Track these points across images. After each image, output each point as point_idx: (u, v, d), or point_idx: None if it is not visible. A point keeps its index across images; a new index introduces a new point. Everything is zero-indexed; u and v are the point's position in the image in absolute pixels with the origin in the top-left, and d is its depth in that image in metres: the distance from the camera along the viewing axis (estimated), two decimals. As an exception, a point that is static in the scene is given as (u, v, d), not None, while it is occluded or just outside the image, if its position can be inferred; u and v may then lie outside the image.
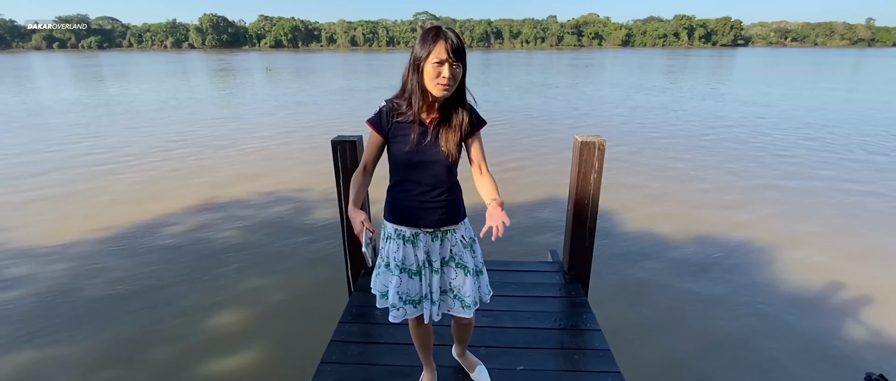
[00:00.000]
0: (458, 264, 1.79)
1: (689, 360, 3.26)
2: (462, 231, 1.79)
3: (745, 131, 11.42)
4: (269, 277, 4.45)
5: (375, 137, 1.67)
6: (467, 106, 1.66)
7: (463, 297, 1.81)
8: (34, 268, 4.62)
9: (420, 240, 1.73)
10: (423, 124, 1.62)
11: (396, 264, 1.76)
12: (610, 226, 5.58)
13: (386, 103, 1.66)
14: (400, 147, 1.63)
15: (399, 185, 1.70)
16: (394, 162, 1.69)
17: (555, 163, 8.47)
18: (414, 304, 1.81)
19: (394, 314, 1.79)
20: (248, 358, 3.28)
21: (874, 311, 3.81)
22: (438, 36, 1.48)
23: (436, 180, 1.67)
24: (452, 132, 1.62)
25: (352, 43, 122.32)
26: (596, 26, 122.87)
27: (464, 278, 1.79)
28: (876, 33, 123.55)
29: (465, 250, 1.78)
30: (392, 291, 1.78)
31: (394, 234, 1.76)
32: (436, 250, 1.75)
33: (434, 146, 1.62)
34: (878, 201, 6.48)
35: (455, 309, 1.85)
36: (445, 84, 1.50)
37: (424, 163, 1.64)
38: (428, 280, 1.78)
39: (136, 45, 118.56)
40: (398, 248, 1.75)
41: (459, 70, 1.52)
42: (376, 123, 1.65)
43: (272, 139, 10.83)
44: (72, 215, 6.08)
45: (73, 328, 3.64)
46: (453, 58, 1.48)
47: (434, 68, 1.48)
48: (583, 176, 2.80)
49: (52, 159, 8.94)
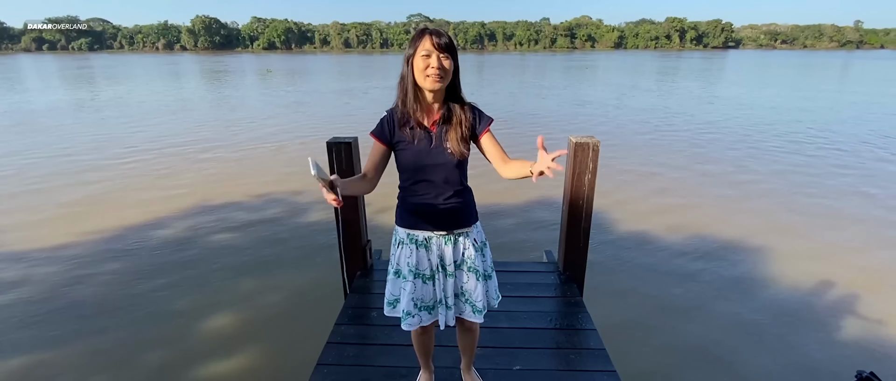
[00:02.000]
0: (469, 268, 1.77)
1: (684, 358, 3.29)
2: (474, 234, 1.78)
3: (742, 132, 11.53)
4: (265, 279, 4.43)
5: (378, 147, 1.66)
6: (467, 104, 1.67)
7: (474, 301, 1.79)
8: (23, 272, 4.57)
9: (433, 243, 1.72)
10: (425, 127, 1.62)
11: (410, 269, 1.73)
12: (605, 226, 5.61)
13: (387, 113, 1.67)
14: (406, 153, 1.63)
15: (409, 189, 1.70)
16: (402, 168, 1.68)
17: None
18: (429, 310, 1.79)
19: (409, 322, 1.76)
20: (243, 361, 3.27)
21: (867, 308, 3.86)
22: (423, 32, 1.51)
23: (446, 182, 1.66)
24: (455, 130, 1.61)
25: (345, 45, 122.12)
26: (589, 28, 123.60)
27: (476, 282, 1.77)
28: (864, 35, 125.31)
29: (477, 253, 1.77)
30: (405, 298, 1.74)
31: (406, 238, 1.74)
32: (449, 254, 1.73)
33: (440, 147, 1.62)
34: (876, 200, 6.58)
35: (466, 313, 1.83)
36: (435, 74, 1.50)
37: (432, 165, 1.63)
38: (442, 285, 1.76)
39: (127, 47, 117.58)
40: (411, 252, 1.73)
41: (449, 62, 1.52)
42: (379, 133, 1.64)
43: (269, 140, 10.79)
44: (62, 218, 6.02)
45: (63, 332, 3.59)
46: (439, 49, 1.50)
47: (422, 61, 1.50)
48: (577, 177, 2.82)
49: (44, 161, 8.83)
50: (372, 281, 3.13)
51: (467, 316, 1.83)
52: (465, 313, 1.83)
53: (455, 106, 1.63)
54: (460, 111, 1.63)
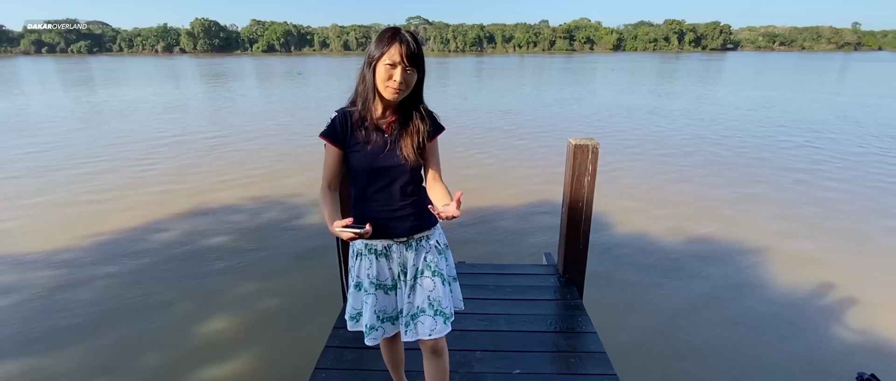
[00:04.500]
0: (433, 273, 1.66)
1: (684, 361, 3.28)
2: (436, 237, 1.71)
3: (741, 134, 11.54)
4: (263, 282, 4.41)
5: (333, 151, 1.55)
6: (424, 110, 1.59)
7: (442, 308, 1.66)
8: (19, 276, 4.54)
9: (393, 252, 1.64)
10: (380, 129, 1.54)
11: (371, 281, 1.65)
12: (604, 228, 5.60)
13: (337, 113, 1.56)
14: (359, 155, 1.53)
15: (363, 196, 1.60)
16: (354, 172, 1.57)
17: (549, 165, 8.50)
18: (392, 321, 1.72)
19: (372, 336, 1.67)
20: (241, 365, 3.25)
21: (866, 310, 3.85)
22: (394, 37, 1.42)
23: (402, 187, 1.58)
24: (410, 137, 1.55)
25: (345, 47, 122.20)
26: (587, 31, 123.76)
27: (441, 286, 1.67)
28: (862, 37, 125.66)
29: (439, 256, 1.69)
30: (368, 311, 1.66)
31: (365, 249, 1.65)
32: (410, 260, 1.65)
33: (393, 151, 1.54)
34: (871, 201, 6.58)
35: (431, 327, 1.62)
36: (396, 88, 1.44)
37: (387, 169, 1.55)
38: (404, 294, 1.67)
39: (126, 50, 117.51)
40: (371, 264, 1.65)
41: (413, 76, 1.47)
42: (331, 134, 1.53)
43: (264, 142, 10.78)
44: (58, 221, 6.00)
45: (60, 336, 3.57)
46: (407, 62, 1.42)
47: (386, 70, 1.43)
48: (576, 179, 2.81)
49: (43, 163, 8.82)
50: (371, 284, 3.11)
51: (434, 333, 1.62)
52: (428, 326, 1.62)
53: (413, 113, 1.56)
54: (418, 119, 1.56)
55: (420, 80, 1.52)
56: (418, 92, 1.55)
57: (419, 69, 1.48)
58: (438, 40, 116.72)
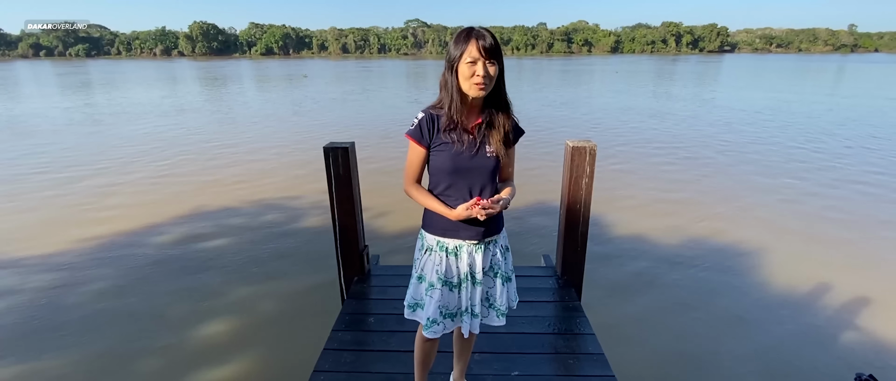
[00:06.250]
0: (496, 274, 1.76)
1: (682, 363, 3.28)
2: (502, 240, 1.77)
3: (740, 136, 11.57)
4: (262, 285, 4.41)
5: (417, 150, 1.61)
6: (510, 108, 1.63)
7: (499, 306, 1.78)
8: (17, 279, 4.53)
9: (463, 251, 1.67)
10: (467, 130, 1.57)
11: (439, 277, 1.68)
12: (602, 230, 5.61)
13: (423, 114, 1.59)
14: (444, 156, 1.57)
15: (442, 195, 1.64)
16: (437, 171, 1.62)
17: (548, 167, 8.51)
18: (452, 317, 1.76)
19: (433, 330, 1.72)
20: (240, 367, 3.24)
21: (864, 310, 3.86)
22: (470, 35, 1.45)
23: (481, 188, 1.62)
24: (497, 134, 1.59)
25: (343, 50, 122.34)
26: (585, 33, 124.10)
27: (501, 286, 1.77)
28: (858, 39, 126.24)
29: (503, 259, 1.77)
30: (432, 305, 1.70)
31: (436, 246, 1.69)
32: (478, 262, 1.69)
33: (480, 151, 1.58)
34: (871, 204, 6.60)
35: (490, 318, 1.81)
36: (481, 83, 1.46)
37: (471, 170, 1.59)
38: (469, 293, 1.72)
39: (124, 53, 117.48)
40: (441, 260, 1.68)
41: (495, 68, 1.48)
42: (417, 135, 1.58)
43: (262, 144, 10.78)
44: (56, 224, 5.98)
45: (58, 339, 3.57)
46: (486, 55, 1.44)
47: (468, 68, 1.46)
48: (574, 181, 2.82)
49: (42, 165, 8.80)
50: (369, 287, 3.12)
51: (491, 321, 1.81)
52: (488, 318, 1.81)
53: (498, 113, 1.60)
54: (503, 117, 1.60)
55: (501, 73, 1.54)
56: (501, 87, 1.58)
57: (500, 62, 1.51)
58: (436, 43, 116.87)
